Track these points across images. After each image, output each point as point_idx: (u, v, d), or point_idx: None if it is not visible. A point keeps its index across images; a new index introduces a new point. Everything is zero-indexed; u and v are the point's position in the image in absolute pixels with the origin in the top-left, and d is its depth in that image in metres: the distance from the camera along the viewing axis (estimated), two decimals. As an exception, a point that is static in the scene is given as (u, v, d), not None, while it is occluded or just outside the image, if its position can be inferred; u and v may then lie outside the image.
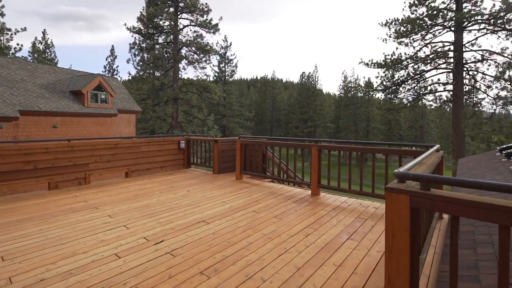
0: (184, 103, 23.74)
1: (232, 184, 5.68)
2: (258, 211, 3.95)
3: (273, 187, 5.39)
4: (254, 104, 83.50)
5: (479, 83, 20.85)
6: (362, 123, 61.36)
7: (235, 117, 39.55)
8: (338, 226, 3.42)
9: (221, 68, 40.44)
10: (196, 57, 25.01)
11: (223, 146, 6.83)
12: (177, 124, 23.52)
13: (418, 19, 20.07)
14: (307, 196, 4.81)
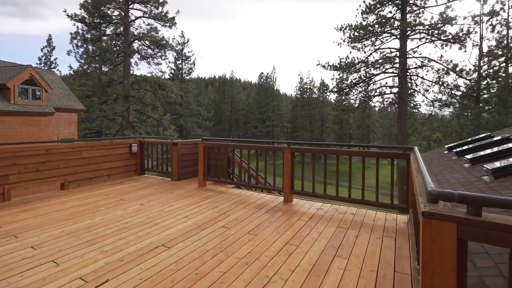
0: (137, 101, 21.82)
1: (194, 192, 5.01)
2: (229, 226, 3.40)
3: (241, 195, 4.88)
4: (212, 104, 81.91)
5: (419, 87, 22.98)
6: (316, 123, 64.25)
7: (193, 117, 38.01)
8: (320, 240, 3.04)
9: (178, 65, 38.53)
10: (150, 52, 23.22)
11: (184, 149, 6.09)
12: (129, 124, 21.52)
13: (369, 26, 21.37)
14: (279, 203, 4.39)
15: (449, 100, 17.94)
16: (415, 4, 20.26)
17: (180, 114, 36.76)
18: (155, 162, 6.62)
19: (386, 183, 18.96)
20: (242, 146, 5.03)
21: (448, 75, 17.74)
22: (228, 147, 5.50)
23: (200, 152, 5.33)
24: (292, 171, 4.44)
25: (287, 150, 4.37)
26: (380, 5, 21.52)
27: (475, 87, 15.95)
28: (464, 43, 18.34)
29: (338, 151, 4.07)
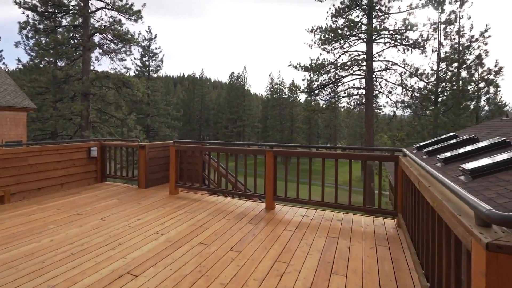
0: (98, 99, 20.13)
1: (166, 202, 4.47)
2: (208, 243, 2.97)
3: (219, 202, 4.45)
4: (181, 103, 79.51)
5: (383, 89, 24.15)
6: (287, 123, 65.36)
7: (161, 117, 36.32)
8: (312, 253, 2.75)
9: (145, 62, 36.58)
10: (114, 46, 21.58)
11: (153, 152, 5.49)
12: (88, 124, 19.78)
13: (338, 29, 21.97)
14: (261, 211, 4.05)
15: (411, 102, 19.03)
16: (380, 10, 21.22)
17: (147, 114, 34.93)
18: (119, 167, 5.92)
19: (354, 181, 19.35)
20: (219, 149, 4.60)
21: (411, 78, 18.79)
22: (203, 150, 5.03)
23: (172, 155, 4.80)
24: (275, 176, 4.13)
25: (270, 154, 4.05)
26: (348, 10, 22.22)
27: (433, 90, 17.08)
28: (424, 48, 19.59)
29: (325, 154, 3.83)
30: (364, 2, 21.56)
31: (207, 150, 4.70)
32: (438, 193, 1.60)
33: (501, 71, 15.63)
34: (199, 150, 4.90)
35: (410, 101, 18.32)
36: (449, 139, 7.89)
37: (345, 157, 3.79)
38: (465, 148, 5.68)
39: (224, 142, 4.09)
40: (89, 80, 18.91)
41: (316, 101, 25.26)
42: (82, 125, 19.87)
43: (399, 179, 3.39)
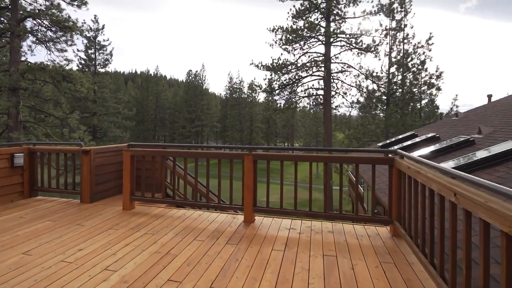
0: (30, 95, 17.26)
1: (118, 220, 3.58)
2: (179, 279, 2.27)
3: (187, 217, 3.72)
4: (134, 102, 74.26)
5: (340, 90, 25.21)
6: (246, 123, 65.33)
7: (110, 116, 33.10)
8: (314, 283, 2.23)
9: (90, 55, 32.92)
10: (51, 34, 18.76)
11: (100, 159, 4.49)
12: (18, 124, 16.87)
13: (299, 30, 22.25)
14: (240, 226, 3.44)
15: (366, 103, 20.09)
16: (338, 14, 22.03)
17: (93, 112, 31.53)
18: (57, 180, 4.75)
19: (308, 177, 19.66)
20: (187, 154, 3.86)
21: (367, 80, 19.80)
22: (167, 155, 4.21)
23: (126, 162, 3.91)
24: (255, 184, 3.55)
25: (249, 158, 3.45)
26: (308, 12, 22.65)
27: (385, 92, 18.24)
28: (376, 52, 20.85)
29: (313, 157, 3.38)
30: (322, 6, 22.18)
31: (172, 155, 3.91)
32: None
33: (441, 75, 17.29)
34: (160, 155, 4.07)
35: (365, 102, 19.30)
36: (411, 137, 8.21)
37: (336, 161, 3.38)
38: (435, 146, 5.82)
39: (192, 145, 3.43)
40: (18, 72, 16.08)
41: (276, 101, 25.38)
42: (9, 125, 16.87)
43: (394, 184, 3.07)
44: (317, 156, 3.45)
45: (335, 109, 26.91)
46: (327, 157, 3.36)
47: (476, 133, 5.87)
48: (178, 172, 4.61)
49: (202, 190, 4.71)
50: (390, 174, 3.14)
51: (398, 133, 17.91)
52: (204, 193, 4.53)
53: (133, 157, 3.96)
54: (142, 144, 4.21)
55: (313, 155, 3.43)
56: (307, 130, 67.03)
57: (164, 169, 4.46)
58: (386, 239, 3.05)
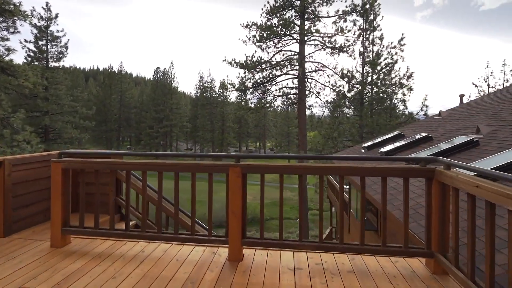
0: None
1: (41, 266, 2.37)
2: None
3: (145, 256, 2.61)
4: (95, 100, 68.94)
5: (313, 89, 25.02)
6: (218, 122, 63.82)
7: (66, 115, 29.83)
8: None
9: (41, 47, 29.28)
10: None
11: (21, 172, 3.17)
12: None
13: (274, 27, 21.54)
14: (224, 269, 2.41)
15: (341, 102, 19.97)
16: (312, 13, 21.72)
17: (44, 111, 28.13)
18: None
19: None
20: (147, 167, 2.72)
21: (342, 79, 19.66)
22: (118, 169, 3.03)
23: (56, 179, 2.69)
24: (244, 207, 2.55)
25: (235, 171, 2.45)
26: (282, 9, 22.04)
27: (360, 91, 18.21)
28: (350, 52, 20.86)
29: (323, 168, 2.48)
30: (297, 3, 21.70)
31: (126, 167, 2.77)
32: None
33: (412, 76, 17.64)
34: (110, 168, 2.88)
35: (341, 102, 19.16)
36: (398, 138, 7.76)
37: (353, 173, 2.50)
38: (435, 148, 5.29)
39: (157, 153, 2.40)
40: None
41: (249, 100, 24.52)
42: None
43: (435, 202, 2.28)
44: (328, 166, 2.54)
45: (308, 108, 26.67)
46: (341, 169, 2.47)
47: (474, 133, 5.46)
48: (135, 186, 3.45)
49: (170, 209, 3.59)
50: (428, 189, 2.33)
51: (371, 133, 17.97)
52: (172, 213, 3.44)
53: (66, 171, 2.74)
54: (81, 153, 3.00)
55: (322, 166, 2.52)
56: (278, 130, 67.26)
57: (114, 185, 3.28)
58: (427, 279, 2.24)
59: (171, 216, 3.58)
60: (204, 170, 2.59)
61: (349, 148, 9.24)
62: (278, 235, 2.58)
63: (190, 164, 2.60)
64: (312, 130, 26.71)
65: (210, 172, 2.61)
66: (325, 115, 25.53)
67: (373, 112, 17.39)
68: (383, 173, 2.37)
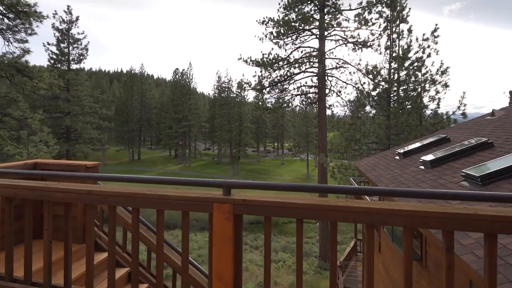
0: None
1: None
2: None
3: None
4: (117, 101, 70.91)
5: (334, 87, 23.55)
6: (235, 123, 63.37)
7: (87, 116, 30.39)
8: None
9: (63, 50, 29.95)
10: (8, 22, 16.16)
11: None
12: (-36, 125, 14.25)
13: (292, 22, 20.39)
14: None
15: (366, 101, 18.45)
16: (333, 6, 20.34)
17: (66, 112, 28.72)
18: None
19: (300, 179, 17.42)
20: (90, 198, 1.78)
21: (366, 77, 18.16)
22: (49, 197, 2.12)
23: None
24: (238, 269, 1.54)
25: (223, 209, 1.46)
26: (300, 3, 20.84)
27: (387, 89, 16.62)
28: (376, 47, 19.27)
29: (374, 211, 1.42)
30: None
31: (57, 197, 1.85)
32: None
33: (447, 71, 15.81)
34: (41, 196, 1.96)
35: (365, 101, 17.65)
36: (443, 142, 6.42)
37: (435, 225, 1.41)
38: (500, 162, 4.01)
39: (135, 177, 1.51)
40: (-40, 64, 13.47)
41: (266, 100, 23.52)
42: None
43: None
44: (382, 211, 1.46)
45: (329, 108, 25.19)
46: (407, 215, 1.38)
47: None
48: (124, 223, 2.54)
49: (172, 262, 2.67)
50: None
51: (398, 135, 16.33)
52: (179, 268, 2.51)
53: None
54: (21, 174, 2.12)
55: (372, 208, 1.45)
56: (297, 130, 65.64)
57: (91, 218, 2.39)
58: None
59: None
60: (173, 207, 1.62)
61: (378, 154, 7.96)
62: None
63: (153, 196, 1.63)
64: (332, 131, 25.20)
65: (185, 209, 1.63)
66: (346, 115, 24.01)
67: (403, 111, 15.75)
68: (490, 226, 1.27)
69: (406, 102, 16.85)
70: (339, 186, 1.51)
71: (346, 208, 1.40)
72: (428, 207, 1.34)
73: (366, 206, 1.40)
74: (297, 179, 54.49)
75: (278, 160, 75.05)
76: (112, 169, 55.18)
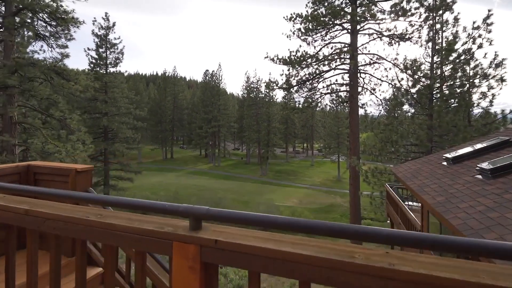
0: (24, 93, 15.83)
1: None
2: None
3: None
4: (152, 103, 74.31)
5: (367, 85, 21.99)
6: (264, 123, 62.90)
7: (122, 116, 31.93)
8: None
9: (101, 54, 31.82)
10: (51, 29, 17.35)
11: None
12: (11, 126, 15.45)
13: (321, 17, 19.36)
14: None
15: (401, 99, 16.84)
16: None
17: (103, 113, 30.40)
18: None
19: (330, 181, 15.88)
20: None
21: (404, 72, 16.58)
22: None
23: None
24: None
25: (187, 251, 0.92)
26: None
27: (430, 85, 14.93)
28: (415, 39, 17.56)
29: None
30: (348, -13, 19.19)
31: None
32: None
33: (503, 63, 13.77)
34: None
35: (402, 99, 16.08)
36: (504, 146, 5.28)
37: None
38: None
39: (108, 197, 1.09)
40: (8, 69, 14.60)
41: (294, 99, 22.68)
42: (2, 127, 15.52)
43: None
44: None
45: (361, 107, 23.63)
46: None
47: None
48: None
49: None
50: None
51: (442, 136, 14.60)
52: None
53: None
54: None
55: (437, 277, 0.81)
56: (327, 131, 63.30)
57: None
58: None
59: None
60: (122, 242, 1.11)
61: (420, 159, 6.83)
62: None
63: (97, 225, 1.14)
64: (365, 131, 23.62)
65: (137, 247, 1.11)
66: (381, 114, 22.32)
67: (447, 110, 14.03)
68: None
69: (451, 100, 15.03)
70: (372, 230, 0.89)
71: (390, 274, 0.78)
72: None
73: (432, 275, 0.76)
74: (327, 181, 52.36)
75: (307, 161, 73.19)
76: (147, 167, 57.75)
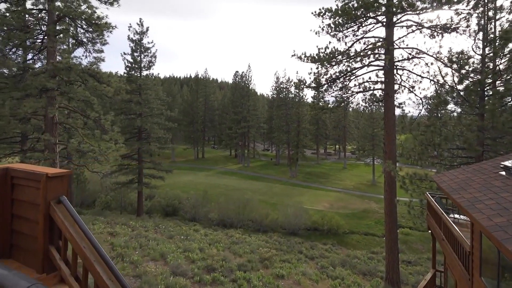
0: (63, 96, 16.90)
1: None
2: None
3: None
4: (185, 104, 76.89)
5: (405, 82, 20.11)
6: (293, 124, 61.59)
7: (154, 117, 33.23)
8: None
9: (136, 58, 33.40)
10: (89, 35, 18.42)
11: None
12: (53, 126, 16.54)
13: (352, 10, 18.09)
14: None
15: (445, 97, 15.01)
16: (405, -16, 17.26)
17: (137, 114, 31.85)
18: None
19: (364, 185, 14.43)
20: None
21: (449, 67, 14.78)
22: None
23: None
24: None
25: None
26: (363, -13, 18.34)
27: (481, 81, 13.05)
28: (461, 30, 15.58)
29: None
30: (383, -24, 17.65)
31: None
32: None
33: None
34: None
35: (446, 97, 14.30)
36: None
37: None
38: None
39: None
40: (48, 73, 15.66)
41: (326, 97, 21.47)
42: (45, 126, 16.70)
43: None
44: None
45: (398, 106, 21.67)
46: None
47: None
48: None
49: None
50: None
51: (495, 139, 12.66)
52: None
53: None
54: None
55: None
56: (361, 132, 60.06)
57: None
58: None
59: None
60: None
61: (470, 166, 5.60)
62: None
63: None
64: (403, 133, 21.65)
65: None
66: (421, 114, 20.32)
67: (503, 109, 12.13)
68: None
69: (508, 97, 13.01)
70: None
71: None
72: None
73: None
74: (361, 185, 49.41)
75: (339, 163, 70.19)
76: (179, 166, 59.73)
